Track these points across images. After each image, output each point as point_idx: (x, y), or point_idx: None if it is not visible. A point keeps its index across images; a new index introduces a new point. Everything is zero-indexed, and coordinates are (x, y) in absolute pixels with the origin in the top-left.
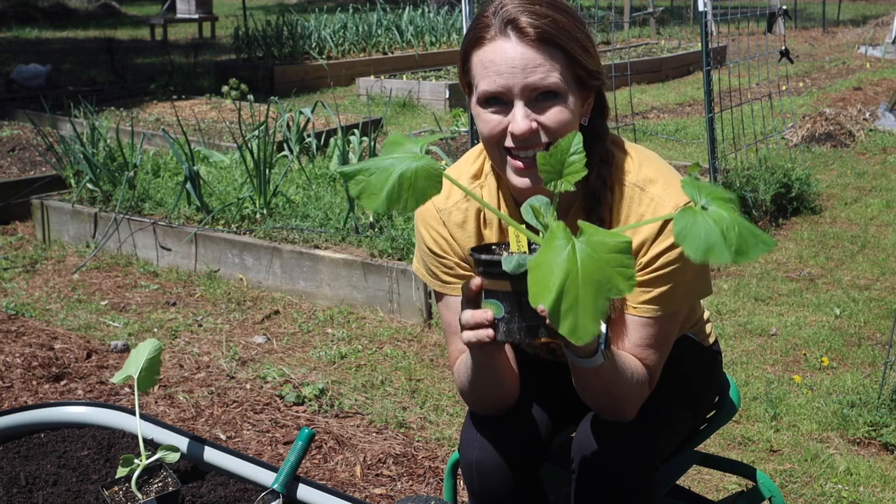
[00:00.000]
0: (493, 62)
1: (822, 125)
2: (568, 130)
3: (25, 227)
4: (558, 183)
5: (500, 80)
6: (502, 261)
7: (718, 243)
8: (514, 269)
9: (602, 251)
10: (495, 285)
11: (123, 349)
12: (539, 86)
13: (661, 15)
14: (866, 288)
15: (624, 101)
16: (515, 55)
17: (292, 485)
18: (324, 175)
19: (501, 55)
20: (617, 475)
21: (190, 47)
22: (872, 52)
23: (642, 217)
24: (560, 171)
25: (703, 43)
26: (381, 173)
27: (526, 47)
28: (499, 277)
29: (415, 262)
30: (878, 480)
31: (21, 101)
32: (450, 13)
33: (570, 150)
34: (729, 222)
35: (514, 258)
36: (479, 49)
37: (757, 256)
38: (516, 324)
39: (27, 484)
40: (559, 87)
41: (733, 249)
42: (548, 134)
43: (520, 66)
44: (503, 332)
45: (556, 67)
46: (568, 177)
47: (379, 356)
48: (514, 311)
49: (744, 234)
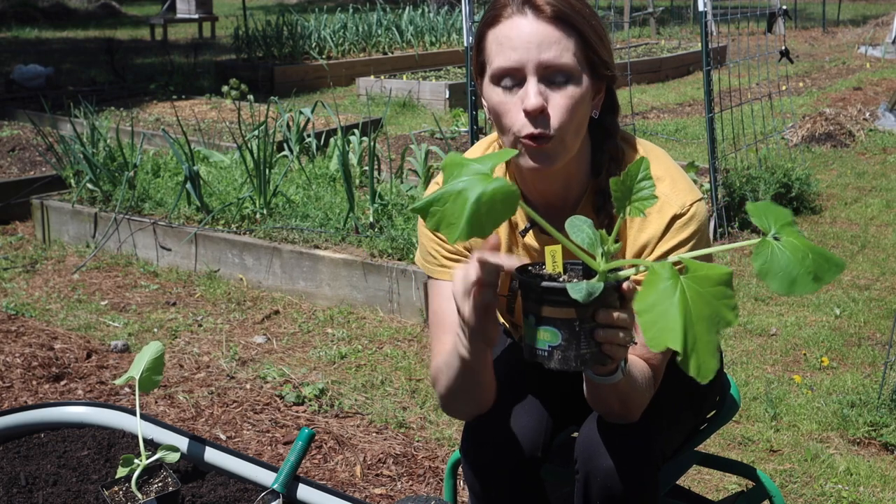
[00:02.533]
0: (509, 38)
1: (822, 125)
2: (577, 116)
3: (25, 227)
4: (628, 209)
5: (514, 55)
6: (569, 289)
7: (801, 275)
8: (585, 299)
9: (707, 286)
10: (553, 312)
11: (123, 349)
12: (553, 63)
13: (661, 15)
14: (866, 288)
15: (624, 101)
16: (532, 31)
17: (292, 485)
18: (324, 175)
19: (517, 31)
20: (620, 475)
21: (190, 47)
22: (872, 52)
23: (649, 215)
24: (629, 196)
25: (703, 43)
26: (455, 200)
27: (542, 23)
28: (559, 305)
29: (418, 256)
30: (878, 480)
31: (21, 101)
32: (450, 13)
33: (639, 176)
34: (803, 250)
35: (583, 286)
36: (494, 27)
37: (831, 280)
38: (573, 351)
39: (27, 484)
40: (572, 67)
41: (812, 278)
42: (558, 116)
43: (535, 42)
44: (558, 360)
45: (570, 47)
46: (636, 203)
47: (379, 356)
48: (572, 339)
49: (818, 261)
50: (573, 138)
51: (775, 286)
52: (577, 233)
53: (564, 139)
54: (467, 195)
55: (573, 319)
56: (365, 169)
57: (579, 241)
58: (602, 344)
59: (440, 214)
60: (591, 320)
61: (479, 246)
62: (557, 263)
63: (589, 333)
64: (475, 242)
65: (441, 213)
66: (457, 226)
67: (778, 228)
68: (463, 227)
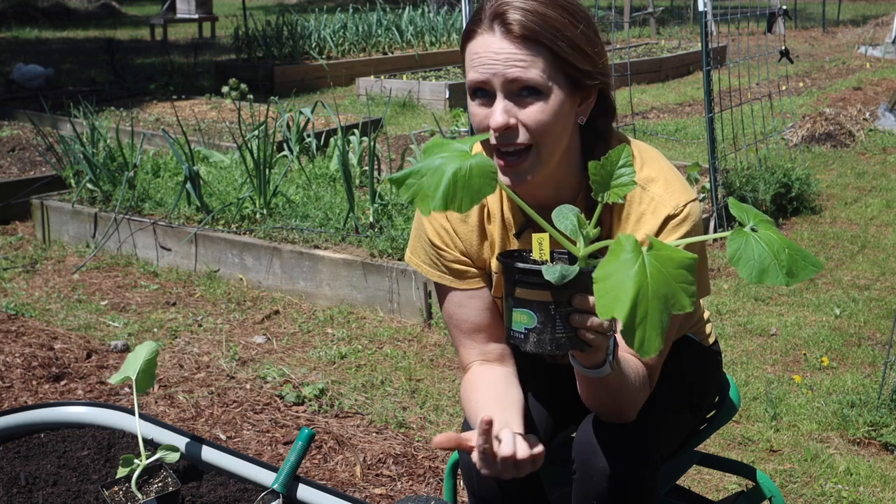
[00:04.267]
0: (478, 54)
1: (822, 125)
2: (549, 131)
3: (25, 227)
4: (605, 194)
5: (482, 69)
6: (543, 271)
7: (772, 266)
8: (558, 281)
9: (669, 266)
10: (529, 294)
11: (123, 349)
12: (518, 79)
13: (661, 15)
14: (866, 288)
15: (624, 101)
16: (498, 48)
17: (292, 485)
18: (324, 175)
19: (485, 48)
20: (617, 475)
21: (190, 47)
22: (872, 52)
23: (643, 216)
24: (608, 182)
25: (703, 43)
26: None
27: (507, 42)
28: (535, 287)
29: (408, 253)
30: (878, 480)
31: (21, 101)
32: (450, 13)
33: (619, 162)
34: (779, 244)
35: (556, 269)
36: (470, 42)
37: (806, 279)
38: (548, 335)
39: (27, 484)
40: (539, 83)
41: (785, 272)
42: (527, 131)
43: (501, 60)
44: (533, 343)
45: (537, 64)
46: (615, 189)
47: (379, 356)
48: (548, 322)
49: (794, 257)
50: (549, 151)
51: (744, 273)
52: (563, 220)
53: (539, 154)
54: (444, 169)
55: (549, 302)
56: (365, 169)
57: (563, 229)
58: (578, 329)
59: (416, 187)
60: (568, 305)
61: (474, 253)
62: (544, 251)
63: (565, 318)
64: (470, 248)
65: (418, 185)
66: (432, 198)
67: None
68: (438, 199)
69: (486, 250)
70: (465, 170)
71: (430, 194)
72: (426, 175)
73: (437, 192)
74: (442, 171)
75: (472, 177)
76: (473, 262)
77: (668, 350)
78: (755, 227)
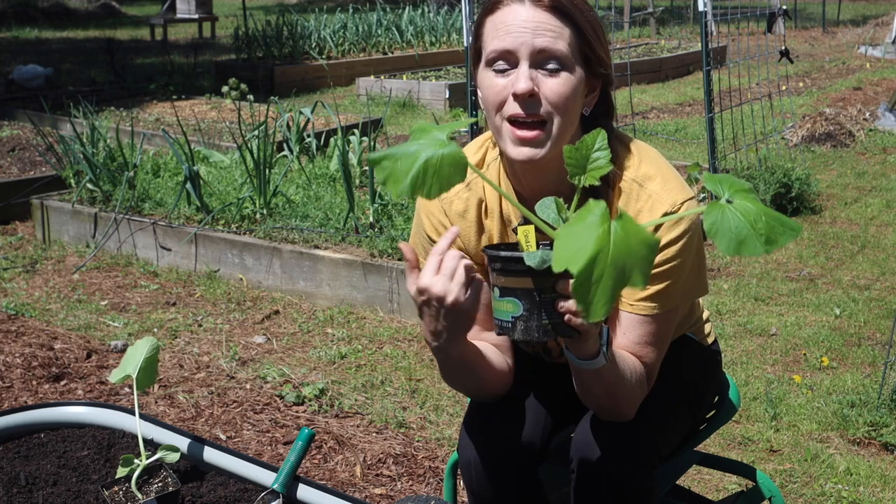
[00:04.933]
0: (505, 22)
1: (822, 125)
2: (568, 106)
3: (25, 227)
4: (582, 178)
5: (509, 38)
6: (524, 256)
7: (750, 236)
8: (539, 265)
9: (634, 240)
10: (514, 283)
11: (123, 349)
12: (546, 49)
13: (661, 15)
14: (866, 288)
15: (624, 101)
16: (528, 16)
17: (292, 485)
18: (324, 175)
19: (513, 16)
20: (616, 475)
21: (190, 47)
22: (872, 52)
23: (639, 213)
24: (584, 166)
25: (703, 43)
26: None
27: (539, 11)
28: (518, 274)
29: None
30: (878, 480)
31: (21, 101)
32: (450, 13)
33: (594, 146)
34: (756, 213)
35: (537, 254)
36: (493, 14)
37: (786, 243)
38: (535, 322)
39: (27, 484)
40: (565, 55)
41: (763, 239)
42: (548, 103)
43: (531, 27)
44: (521, 331)
45: (565, 36)
46: (591, 172)
47: (379, 356)
48: (534, 310)
49: (771, 223)
50: (562, 127)
51: (723, 246)
52: (545, 210)
53: (553, 127)
54: (418, 155)
55: (533, 289)
56: (365, 169)
57: (546, 218)
58: (565, 315)
59: (390, 170)
60: (553, 291)
61: (472, 247)
62: (531, 243)
63: (551, 304)
64: (468, 243)
65: (391, 168)
66: (401, 182)
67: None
68: (407, 184)
69: (484, 245)
70: (437, 158)
71: (400, 179)
72: (400, 159)
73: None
74: (415, 157)
75: (442, 166)
76: (472, 257)
77: (666, 349)
78: (731, 199)
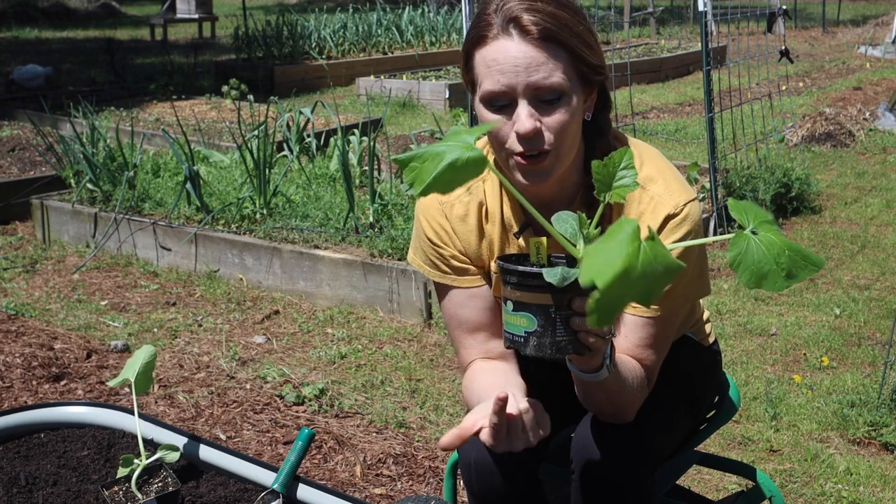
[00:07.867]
0: (496, 61)
1: (822, 125)
2: (570, 131)
3: (25, 227)
4: (607, 195)
5: (503, 79)
6: (544, 273)
7: (772, 271)
8: (560, 283)
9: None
10: (530, 298)
11: (123, 349)
12: (542, 85)
13: (661, 15)
14: (866, 288)
15: (624, 100)
16: (518, 54)
17: (292, 485)
18: (324, 175)
19: (504, 54)
20: (616, 475)
21: (190, 47)
22: (872, 52)
23: (642, 215)
24: (610, 183)
25: (703, 43)
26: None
27: (529, 46)
28: (536, 290)
29: (410, 253)
30: (878, 480)
31: (21, 101)
32: (450, 13)
33: (621, 164)
34: (780, 247)
35: (557, 271)
36: (481, 48)
37: (805, 279)
38: (549, 338)
39: (27, 484)
40: (562, 86)
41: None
42: (551, 134)
43: (523, 65)
44: (534, 346)
45: (559, 66)
46: (617, 190)
47: (379, 356)
48: (548, 326)
49: (794, 258)
50: (568, 152)
51: (745, 279)
52: (563, 224)
53: (559, 155)
54: (444, 156)
55: (549, 306)
56: (365, 169)
57: (564, 232)
58: (578, 332)
59: (418, 170)
60: (568, 308)
61: (473, 252)
62: (542, 255)
63: (565, 321)
64: (468, 247)
65: (419, 169)
66: (425, 182)
67: (756, 224)
68: (429, 183)
69: (485, 250)
70: (462, 161)
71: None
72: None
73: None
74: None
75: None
76: (472, 261)
77: (666, 352)
78: (755, 230)
